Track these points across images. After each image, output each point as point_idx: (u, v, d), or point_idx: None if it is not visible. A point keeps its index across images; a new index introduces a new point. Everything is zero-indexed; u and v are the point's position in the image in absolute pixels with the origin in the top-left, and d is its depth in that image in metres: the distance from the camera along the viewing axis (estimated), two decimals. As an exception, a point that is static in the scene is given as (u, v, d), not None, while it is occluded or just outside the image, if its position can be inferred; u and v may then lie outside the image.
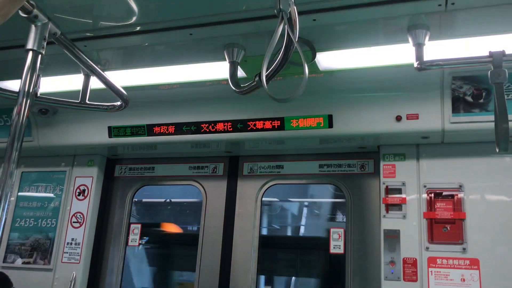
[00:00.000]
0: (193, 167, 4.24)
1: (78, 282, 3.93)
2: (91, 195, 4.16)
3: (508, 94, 2.90)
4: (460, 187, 3.20)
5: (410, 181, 3.33)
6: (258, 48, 2.59)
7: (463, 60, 2.34)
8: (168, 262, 5.13)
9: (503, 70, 2.11)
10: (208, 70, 3.02)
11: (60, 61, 2.87)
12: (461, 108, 3.02)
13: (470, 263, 3.06)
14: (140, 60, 2.93)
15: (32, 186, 4.38)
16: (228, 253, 3.91)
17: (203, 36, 2.53)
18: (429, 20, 2.27)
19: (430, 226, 3.19)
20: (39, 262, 4.09)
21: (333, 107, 3.28)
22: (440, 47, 2.49)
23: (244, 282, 3.80)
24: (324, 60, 2.80)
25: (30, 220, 4.25)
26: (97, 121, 3.87)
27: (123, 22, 2.47)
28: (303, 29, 2.31)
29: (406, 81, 3.06)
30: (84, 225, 4.08)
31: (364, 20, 2.31)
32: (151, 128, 3.71)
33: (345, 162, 3.81)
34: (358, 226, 3.65)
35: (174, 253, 5.30)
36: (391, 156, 3.43)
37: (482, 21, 2.27)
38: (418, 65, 2.30)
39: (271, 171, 4.02)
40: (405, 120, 3.14)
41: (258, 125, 3.45)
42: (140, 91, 3.39)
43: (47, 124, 4.03)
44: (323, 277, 4.39)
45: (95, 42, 2.65)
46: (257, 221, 3.92)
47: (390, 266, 3.19)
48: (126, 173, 4.43)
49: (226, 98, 3.43)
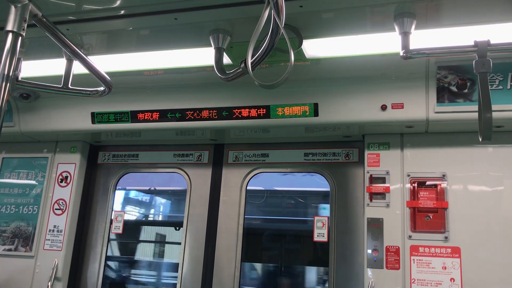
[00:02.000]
0: (177, 154, 4.22)
1: (60, 269, 3.89)
2: (73, 182, 4.12)
3: (492, 84, 2.92)
4: (443, 176, 3.23)
5: (394, 170, 3.35)
6: (244, 34, 2.57)
7: (448, 49, 2.34)
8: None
9: (488, 59, 2.13)
10: (193, 56, 2.99)
11: (42, 44, 2.83)
12: (446, 98, 3.04)
13: (451, 251, 3.10)
14: (124, 44, 2.88)
15: (13, 172, 4.31)
16: (213, 240, 3.90)
17: (188, 21, 2.50)
18: (416, 9, 2.27)
19: (413, 215, 3.22)
20: (21, 249, 4.04)
21: (318, 95, 3.28)
22: (426, 36, 2.50)
23: (228, 269, 3.80)
24: (311, 48, 2.79)
25: (11, 206, 4.19)
26: (80, 107, 3.81)
27: (107, 5, 2.43)
28: (290, 16, 2.29)
29: (392, 70, 3.07)
30: (67, 212, 4.04)
31: (351, 7, 2.30)
32: (135, 114, 3.66)
33: (330, 151, 3.82)
34: (342, 214, 3.67)
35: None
36: (375, 145, 3.45)
37: (468, 11, 2.28)
38: (404, 53, 2.30)
39: (256, 159, 4.01)
40: (390, 109, 3.15)
41: (243, 113, 3.43)
42: (124, 76, 3.36)
43: (28, 109, 3.96)
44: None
45: (78, 26, 2.60)
46: (242, 209, 3.92)
47: (373, 254, 3.22)
48: (110, 160, 4.39)
49: (212, 85, 3.41)
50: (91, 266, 4.16)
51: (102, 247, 4.17)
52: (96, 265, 4.15)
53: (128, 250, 5.94)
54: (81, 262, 4.17)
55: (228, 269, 3.80)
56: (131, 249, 6.02)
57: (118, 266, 5.61)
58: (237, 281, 3.75)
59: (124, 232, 4.27)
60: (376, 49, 2.77)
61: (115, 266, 5.52)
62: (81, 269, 4.17)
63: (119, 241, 5.61)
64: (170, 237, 6.40)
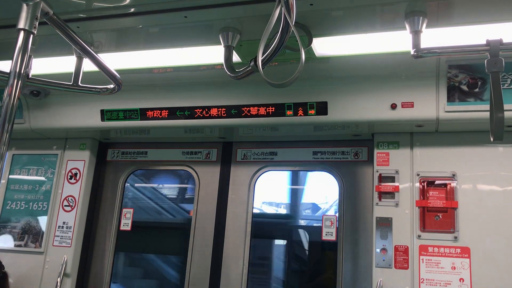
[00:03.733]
0: (186, 152, 4.22)
1: (69, 266, 3.92)
2: (83, 179, 4.14)
3: (503, 83, 2.90)
4: (453, 176, 3.21)
5: (404, 169, 3.33)
6: (254, 32, 2.57)
7: (460, 48, 2.32)
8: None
9: (500, 59, 2.11)
10: (202, 54, 2.99)
11: (52, 42, 2.85)
12: (456, 97, 3.01)
13: (461, 251, 3.08)
14: (134, 42, 2.89)
15: (23, 168, 4.34)
16: (221, 238, 3.91)
17: (198, 19, 2.50)
18: (427, 7, 2.26)
19: (422, 215, 3.20)
20: (30, 245, 4.07)
21: (328, 94, 3.26)
22: (437, 34, 2.48)
23: (236, 267, 3.81)
24: (320, 46, 2.78)
25: (21, 203, 4.22)
26: (90, 104, 3.82)
27: (117, 3, 2.43)
28: (300, 14, 2.28)
29: (402, 69, 3.05)
30: (76, 208, 4.06)
31: (361, 5, 2.29)
32: (144, 112, 3.67)
33: (339, 150, 3.81)
34: (351, 213, 3.66)
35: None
36: (385, 144, 3.43)
37: (479, 9, 2.26)
38: (415, 52, 2.28)
39: (264, 158, 4.01)
40: (400, 108, 3.14)
41: (252, 111, 3.43)
42: (134, 74, 3.37)
43: (38, 106, 3.99)
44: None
45: (88, 23, 2.61)
46: (250, 207, 3.92)
47: (382, 253, 3.21)
48: (119, 157, 4.40)
49: (221, 83, 3.41)
50: (100, 262, 4.19)
51: (110, 244, 4.19)
52: (105, 262, 4.17)
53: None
54: (90, 258, 4.20)
55: (236, 268, 3.81)
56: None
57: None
58: (245, 279, 3.76)
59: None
60: (386, 47, 2.75)
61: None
62: (89, 265, 4.19)
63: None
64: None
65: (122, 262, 4.75)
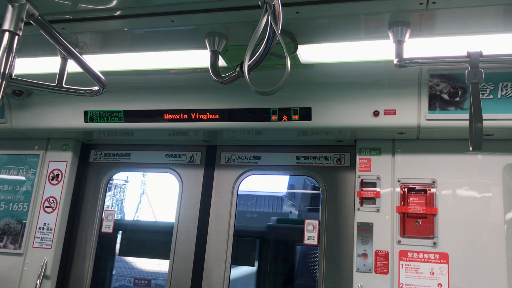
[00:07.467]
0: (170, 155, 4.22)
1: (49, 268, 3.88)
2: (64, 180, 4.10)
3: (483, 93, 2.96)
4: (433, 182, 3.27)
5: (385, 176, 3.38)
6: (240, 38, 2.58)
7: (441, 59, 2.38)
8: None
9: (480, 70, 2.16)
10: (188, 58, 2.99)
11: (37, 42, 2.82)
12: (437, 106, 3.07)
13: (439, 257, 3.13)
14: (119, 45, 2.88)
15: (4, 168, 4.29)
16: (203, 241, 3.91)
17: (185, 24, 2.50)
18: (411, 18, 2.30)
19: (402, 220, 3.25)
20: (9, 246, 4.02)
21: (312, 100, 3.30)
22: (419, 44, 2.53)
23: (217, 270, 3.81)
24: (305, 53, 2.81)
25: (1, 203, 4.17)
26: (73, 105, 3.79)
27: (103, 5, 2.42)
28: (286, 21, 2.30)
29: (385, 77, 3.10)
30: (57, 210, 4.02)
31: (346, 14, 2.32)
32: (128, 113, 3.66)
33: (322, 155, 3.85)
34: (333, 218, 3.69)
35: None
36: (367, 150, 3.47)
37: (461, 21, 2.31)
38: (398, 62, 2.32)
39: (248, 161, 4.02)
40: (382, 115, 3.18)
41: (236, 115, 3.44)
42: (118, 76, 3.35)
43: (21, 106, 3.94)
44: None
45: (73, 25, 2.60)
46: (233, 210, 3.93)
47: (363, 258, 3.25)
48: (102, 159, 4.37)
49: (206, 87, 3.42)
50: (81, 264, 4.15)
51: (92, 246, 4.16)
52: (86, 264, 4.13)
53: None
54: (70, 260, 4.16)
55: (217, 270, 3.81)
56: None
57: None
58: (226, 282, 3.76)
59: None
60: (370, 56, 2.79)
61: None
62: (70, 267, 4.15)
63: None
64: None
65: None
